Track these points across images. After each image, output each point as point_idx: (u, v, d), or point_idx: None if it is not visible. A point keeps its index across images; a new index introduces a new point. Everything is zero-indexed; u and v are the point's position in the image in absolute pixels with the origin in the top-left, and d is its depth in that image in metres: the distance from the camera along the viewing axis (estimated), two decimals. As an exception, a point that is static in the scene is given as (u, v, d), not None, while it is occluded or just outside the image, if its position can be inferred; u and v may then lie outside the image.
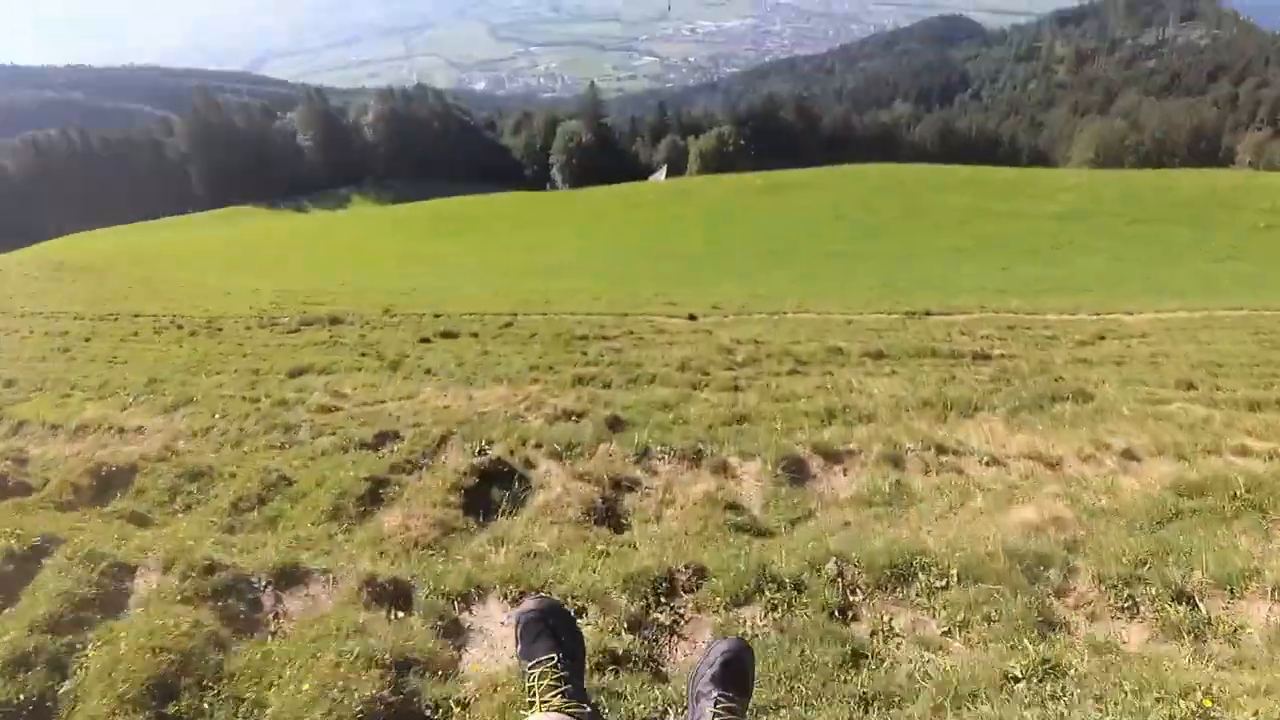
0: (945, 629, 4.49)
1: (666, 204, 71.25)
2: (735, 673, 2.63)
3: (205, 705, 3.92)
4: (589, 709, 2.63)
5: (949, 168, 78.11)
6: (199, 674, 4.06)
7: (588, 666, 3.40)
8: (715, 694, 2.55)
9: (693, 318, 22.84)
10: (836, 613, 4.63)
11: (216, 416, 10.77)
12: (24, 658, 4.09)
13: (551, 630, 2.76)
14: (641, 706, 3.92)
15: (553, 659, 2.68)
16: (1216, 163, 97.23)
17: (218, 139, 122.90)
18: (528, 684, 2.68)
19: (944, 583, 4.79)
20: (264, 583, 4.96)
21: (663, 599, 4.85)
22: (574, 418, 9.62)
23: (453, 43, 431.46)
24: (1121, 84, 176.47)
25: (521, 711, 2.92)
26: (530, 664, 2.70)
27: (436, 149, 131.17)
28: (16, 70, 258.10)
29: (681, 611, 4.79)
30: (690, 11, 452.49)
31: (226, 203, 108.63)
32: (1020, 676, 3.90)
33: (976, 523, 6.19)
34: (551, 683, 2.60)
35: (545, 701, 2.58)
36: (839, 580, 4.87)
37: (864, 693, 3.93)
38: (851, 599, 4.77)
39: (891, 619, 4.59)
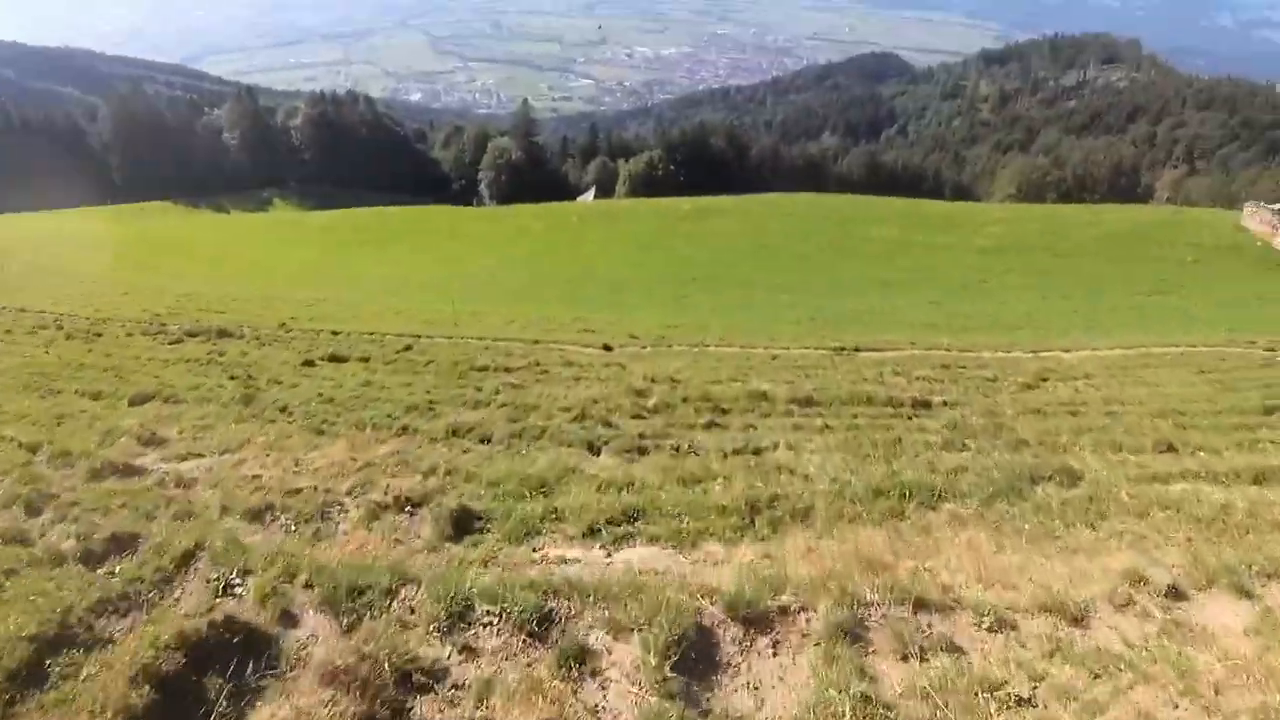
0: None
1: (591, 226, 69.49)
2: None
3: None
4: None
5: (878, 199, 77.96)
6: None
7: None
8: None
9: (608, 348, 21.56)
10: None
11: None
12: None
13: None
14: None
15: None
16: (1136, 198, 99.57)
17: (142, 130, 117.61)
18: None
19: None
20: None
21: None
22: (409, 508, 7.56)
23: (392, 52, 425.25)
24: (1043, 123, 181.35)
25: None
26: None
27: (364, 157, 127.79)
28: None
29: None
30: (628, 37, 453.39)
31: (146, 197, 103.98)
32: None
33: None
34: None
35: None
36: None
37: None
38: None
39: None
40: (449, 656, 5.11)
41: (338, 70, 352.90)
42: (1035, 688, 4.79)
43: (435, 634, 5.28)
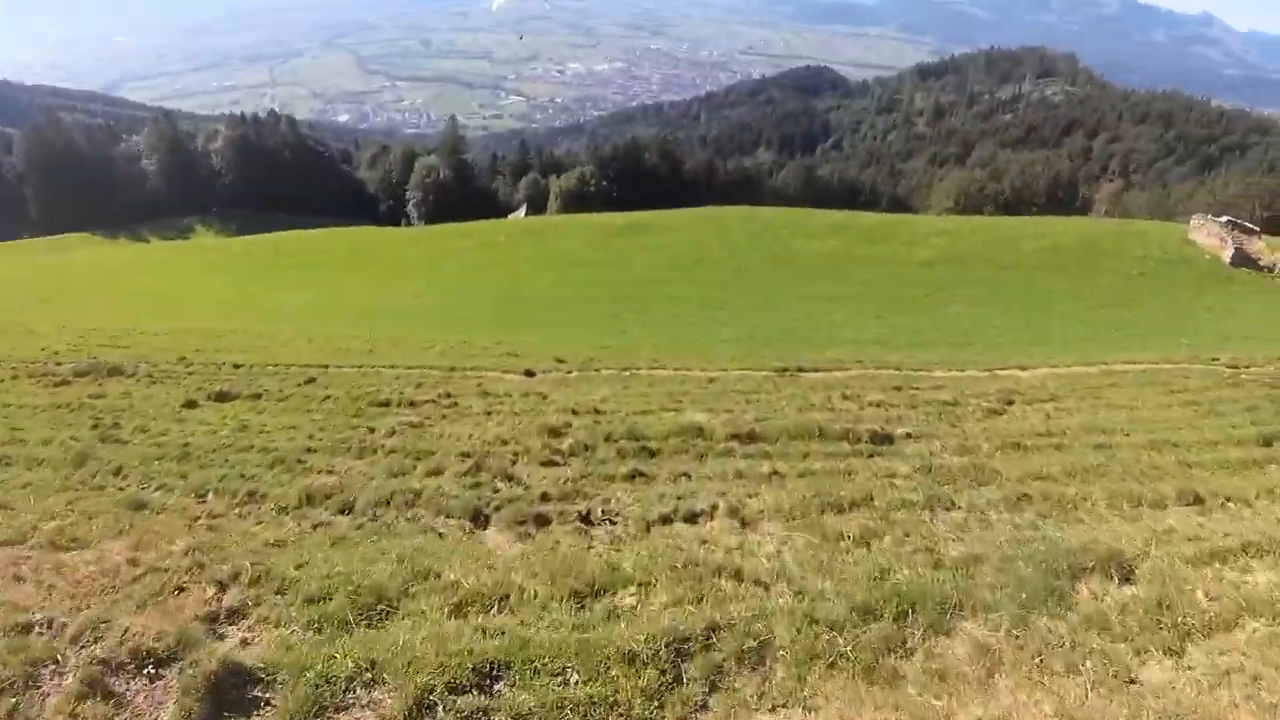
0: None
1: (520, 243, 67.26)
2: None
3: None
4: None
5: (816, 211, 76.59)
6: None
7: None
8: None
9: (530, 374, 20.30)
10: None
11: None
12: None
13: None
14: None
15: None
16: (1074, 212, 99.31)
17: (58, 159, 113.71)
18: None
19: None
20: None
21: None
22: (151, 668, 5.29)
23: (318, 73, 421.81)
24: (979, 136, 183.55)
25: None
26: None
27: (288, 179, 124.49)
28: None
29: None
30: (559, 53, 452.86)
31: (65, 229, 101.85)
32: None
33: None
34: None
35: None
36: None
37: None
38: None
39: None
40: None
41: (263, 93, 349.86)
42: None
43: None
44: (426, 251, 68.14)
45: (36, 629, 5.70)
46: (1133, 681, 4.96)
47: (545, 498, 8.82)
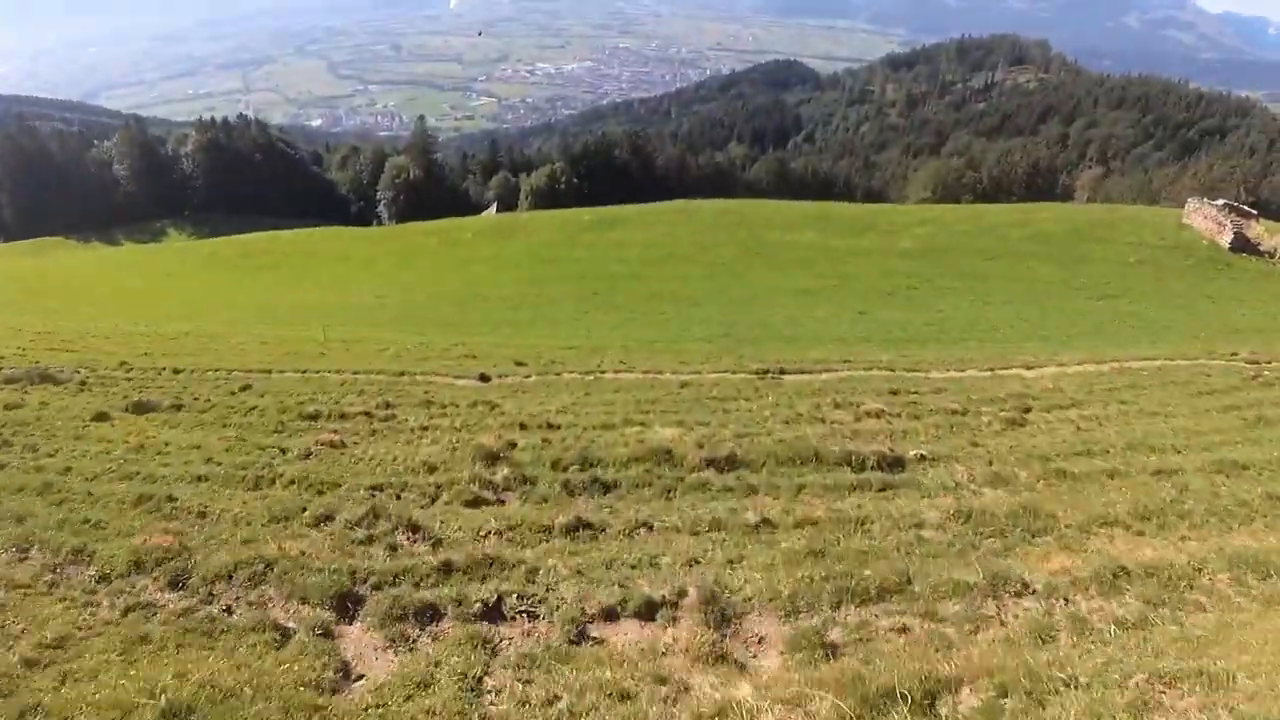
0: None
1: (487, 241, 65.19)
2: None
3: None
4: None
5: (792, 203, 74.41)
6: None
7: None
8: None
9: (485, 378, 18.98)
10: None
11: None
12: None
13: None
14: None
15: None
16: (1054, 199, 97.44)
17: (31, 166, 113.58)
18: None
19: None
20: None
21: None
22: None
23: (291, 78, 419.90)
24: (953, 125, 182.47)
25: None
26: None
27: (259, 182, 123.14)
28: None
29: None
30: (529, 53, 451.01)
31: (39, 233, 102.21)
32: None
33: None
34: None
35: None
36: None
37: None
38: None
39: None
40: None
41: (238, 99, 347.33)
42: None
43: None
44: (391, 250, 66.66)
45: None
46: None
47: (447, 569, 6.55)
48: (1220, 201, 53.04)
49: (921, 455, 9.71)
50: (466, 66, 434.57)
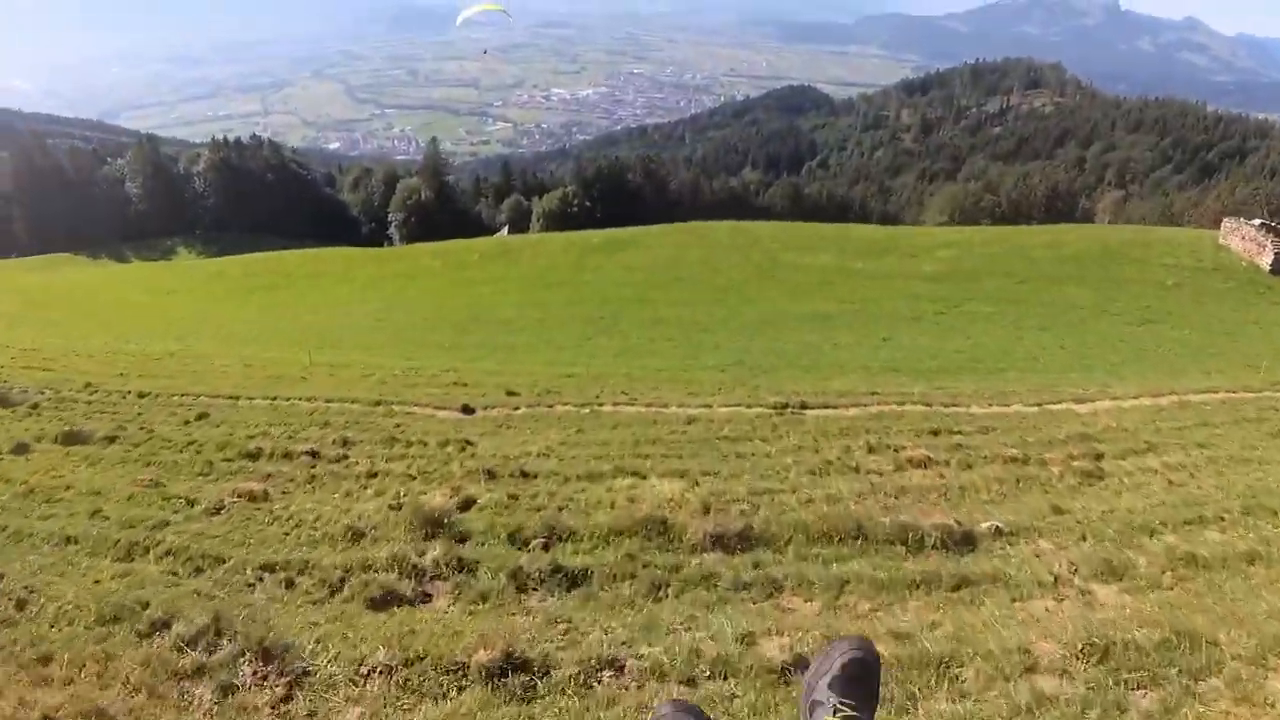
0: None
1: (494, 262, 63.18)
2: (859, 677, 2.01)
3: None
4: None
5: (807, 225, 72.22)
6: None
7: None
8: (834, 700, 1.96)
9: (468, 410, 17.29)
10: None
11: None
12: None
13: None
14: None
15: None
16: (1075, 222, 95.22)
17: (45, 182, 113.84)
18: None
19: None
20: None
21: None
22: None
23: (309, 102, 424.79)
24: (968, 150, 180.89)
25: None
26: None
27: (270, 202, 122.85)
28: None
29: None
30: (545, 79, 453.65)
31: (51, 249, 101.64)
32: None
33: None
34: None
35: None
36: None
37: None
38: None
39: None
40: None
41: (256, 121, 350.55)
42: None
43: None
44: (395, 271, 64.95)
45: None
46: None
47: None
48: (1257, 221, 50.68)
49: (997, 529, 7.48)
50: (483, 92, 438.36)
